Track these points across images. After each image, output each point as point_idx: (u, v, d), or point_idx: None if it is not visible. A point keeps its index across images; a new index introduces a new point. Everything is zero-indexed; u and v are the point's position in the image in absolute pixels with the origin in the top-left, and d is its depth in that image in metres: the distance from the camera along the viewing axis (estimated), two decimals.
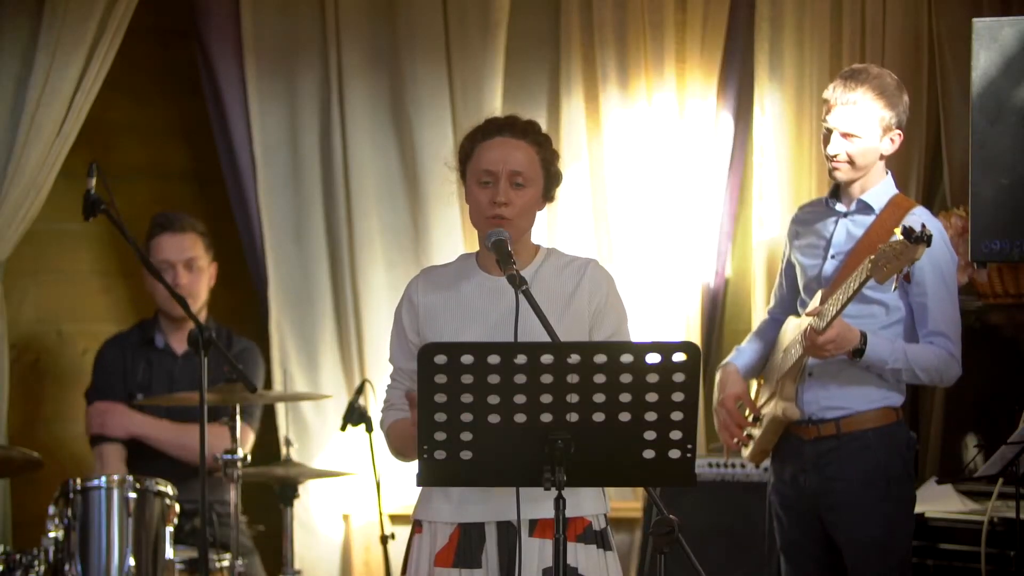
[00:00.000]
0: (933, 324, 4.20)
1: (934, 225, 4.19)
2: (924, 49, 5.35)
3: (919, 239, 3.80)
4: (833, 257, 4.27)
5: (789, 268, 4.44)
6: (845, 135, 4.19)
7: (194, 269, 5.21)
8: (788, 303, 4.46)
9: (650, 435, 3.02)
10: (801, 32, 5.41)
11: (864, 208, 4.26)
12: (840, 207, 4.31)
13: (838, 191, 4.33)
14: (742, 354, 4.49)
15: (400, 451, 3.47)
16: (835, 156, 4.20)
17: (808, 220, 4.40)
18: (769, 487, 4.41)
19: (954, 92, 5.24)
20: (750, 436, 4.40)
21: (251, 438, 5.22)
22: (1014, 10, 5.13)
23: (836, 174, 4.24)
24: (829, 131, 4.21)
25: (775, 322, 4.45)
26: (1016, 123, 4.31)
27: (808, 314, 4.17)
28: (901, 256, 3.85)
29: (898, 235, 3.84)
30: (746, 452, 4.44)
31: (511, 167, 3.41)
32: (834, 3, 5.38)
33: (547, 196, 3.50)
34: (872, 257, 3.92)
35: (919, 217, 4.20)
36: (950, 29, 5.26)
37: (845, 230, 4.28)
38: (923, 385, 4.40)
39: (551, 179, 3.49)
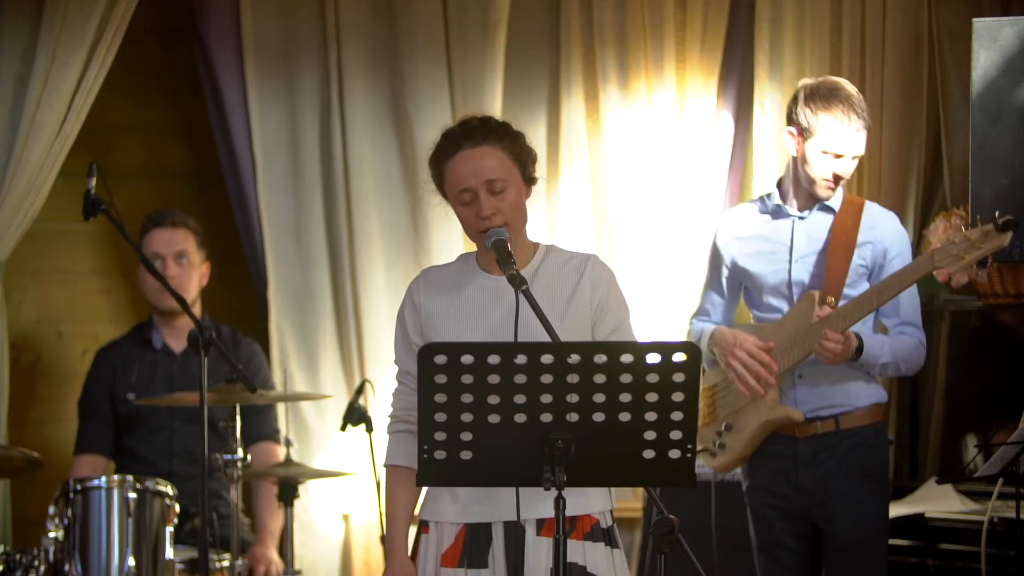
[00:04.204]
0: (904, 314, 4.29)
1: (888, 215, 4.34)
2: (924, 49, 5.36)
3: (1007, 227, 3.86)
4: (798, 261, 4.31)
5: (732, 278, 4.46)
6: (856, 157, 4.26)
7: (183, 264, 5.20)
8: (726, 312, 4.51)
9: (650, 435, 3.02)
10: (801, 32, 5.41)
11: (825, 209, 4.32)
12: (791, 210, 4.34)
13: (783, 195, 4.37)
14: (709, 321, 4.52)
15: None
16: (845, 178, 4.26)
17: (749, 227, 4.42)
18: (745, 487, 4.43)
19: (954, 92, 5.24)
20: (722, 445, 4.41)
21: (280, 451, 5.24)
22: (1014, 10, 5.14)
23: (827, 192, 4.29)
24: (839, 155, 4.23)
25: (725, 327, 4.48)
26: (1016, 123, 4.32)
27: (819, 316, 4.17)
28: (982, 244, 3.90)
29: (949, 227, 3.90)
30: (715, 462, 4.45)
31: (484, 177, 3.40)
32: (834, 3, 5.38)
33: (528, 181, 3.48)
34: (939, 249, 3.98)
35: (876, 211, 4.34)
36: (950, 29, 5.26)
37: (805, 233, 4.33)
38: (900, 376, 4.48)
39: (524, 163, 3.47)
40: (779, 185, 4.40)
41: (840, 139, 4.21)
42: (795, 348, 4.23)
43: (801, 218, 4.34)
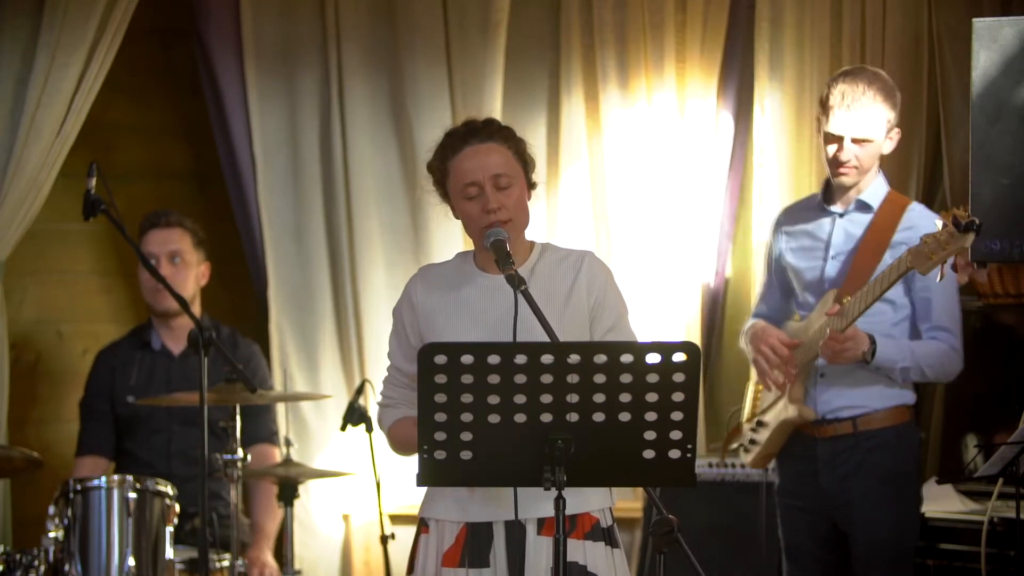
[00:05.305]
0: (936, 319, 4.23)
1: (931, 218, 4.24)
2: (924, 49, 5.35)
3: (968, 228, 3.83)
4: (834, 258, 4.28)
5: (780, 272, 4.45)
6: (857, 140, 4.21)
7: (177, 264, 5.20)
8: (780, 308, 4.48)
9: (650, 435, 3.02)
10: (801, 32, 5.41)
11: (863, 207, 4.28)
12: (834, 208, 4.32)
13: (828, 192, 4.34)
14: (763, 316, 4.49)
15: (405, 450, 3.46)
16: (847, 162, 4.21)
17: (798, 222, 4.41)
18: (776, 487, 4.42)
19: (954, 92, 5.24)
20: (753, 442, 4.40)
21: (276, 454, 5.24)
22: (1014, 10, 5.13)
23: (844, 180, 4.25)
24: (837, 137, 4.21)
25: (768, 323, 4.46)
26: (1016, 123, 4.31)
27: (828, 314, 4.17)
28: (947, 246, 3.88)
29: (937, 225, 3.87)
30: (748, 458, 4.45)
31: (492, 171, 3.41)
32: (834, 3, 5.38)
33: (529, 185, 3.50)
34: (913, 248, 3.94)
35: (917, 213, 4.26)
36: (950, 29, 5.26)
37: (843, 230, 4.30)
38: (926, 382, 4.42)
39: (527, 165, 3.49)
40: (828, 181, 4.39)
41: (836, 120, 4.19)
42: (811, 346, 4.22)
43: (841, 215, 4.32)
